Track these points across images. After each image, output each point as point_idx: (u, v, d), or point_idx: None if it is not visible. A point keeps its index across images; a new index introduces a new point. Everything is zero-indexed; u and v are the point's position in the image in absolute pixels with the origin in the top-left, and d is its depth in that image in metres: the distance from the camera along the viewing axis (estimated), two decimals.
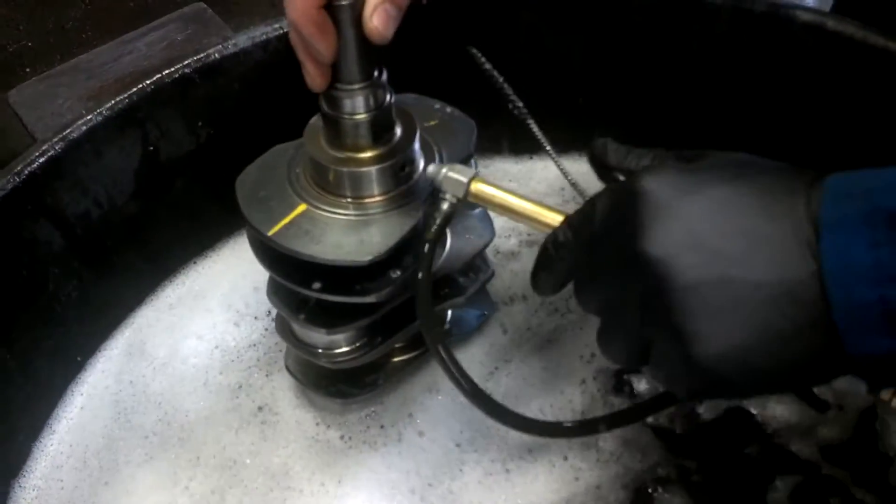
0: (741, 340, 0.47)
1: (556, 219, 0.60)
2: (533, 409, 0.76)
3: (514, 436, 0.73)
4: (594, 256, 0.55)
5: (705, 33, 0.84)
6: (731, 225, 0.48)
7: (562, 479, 0.71)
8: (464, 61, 0.89)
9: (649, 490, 0.70)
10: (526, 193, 0.92)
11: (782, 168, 0.50)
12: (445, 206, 0.63)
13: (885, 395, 0.52)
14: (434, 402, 0.76)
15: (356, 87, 0.60)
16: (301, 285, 0.65)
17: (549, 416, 0.75)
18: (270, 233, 0.63)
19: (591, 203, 0.55)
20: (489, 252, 0.78)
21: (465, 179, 0.62)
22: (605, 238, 0.53)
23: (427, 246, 0.63)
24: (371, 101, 0.61)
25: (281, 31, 0.84)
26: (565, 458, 0.72)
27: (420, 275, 0.63)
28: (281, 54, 0.84)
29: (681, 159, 0.52)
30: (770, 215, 0.47)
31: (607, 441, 0.73)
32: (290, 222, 0.64)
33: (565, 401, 0.76)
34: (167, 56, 1.36)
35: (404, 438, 0.74)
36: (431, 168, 0.64)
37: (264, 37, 0.84)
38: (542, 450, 0.73)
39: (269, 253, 0.66)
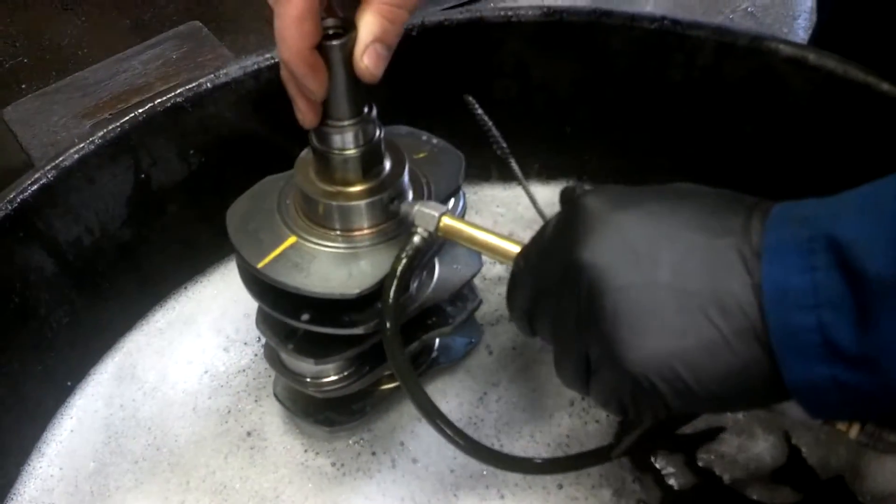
0: (667, 346, 0.47)
1: (517, 250, 0.61)
2: (525, 434, 0.77)
3: None
4: (541, 277, 0.56)
5: (689, 65, 0.85)
6: (667, 235, 0.48)
7: None
8: (453, 92, 0.91)
9: None
10: (513, 218, 0.95)
11: (726, 193, 0.51)
12: (416, 239, 0.64)
13: (842, 425, 0.50)
14: (425, 430, 0.77)
15: (346, 123, 0.62)
16: (290, 316, 0.66)
17: (539, 441, 0.76)
18: (260, 265, 0.64)
19: (541, 228, 0.57)
20: (476, 279, 0.79)
21: (436, 214, 0.64)
22: (551, 255, 0.55)
23: (395, 283, 0.62)
24: (360, 137, 0.63)
25: (272, 62, 0.85)
26: (560, 487, 0.73)
27: (387, 318, 0.63)
28: (272, 84, 0.84)
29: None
30: (708, 230, 0.48)
31: (603, 468, 0.74)
32: (280, 254, 0.65)
33: (554, 424, 0.77)
34: (163, 74, 1.37)
35: (398, 465, 0.75)
36: (404, 206, 0.65)
37: (255, 66, 0.85)
38: (538, 477, 0.74)
39: (258, 284, 0.67)
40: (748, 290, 0.45)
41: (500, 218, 0.95)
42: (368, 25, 0.57)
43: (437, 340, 0.80)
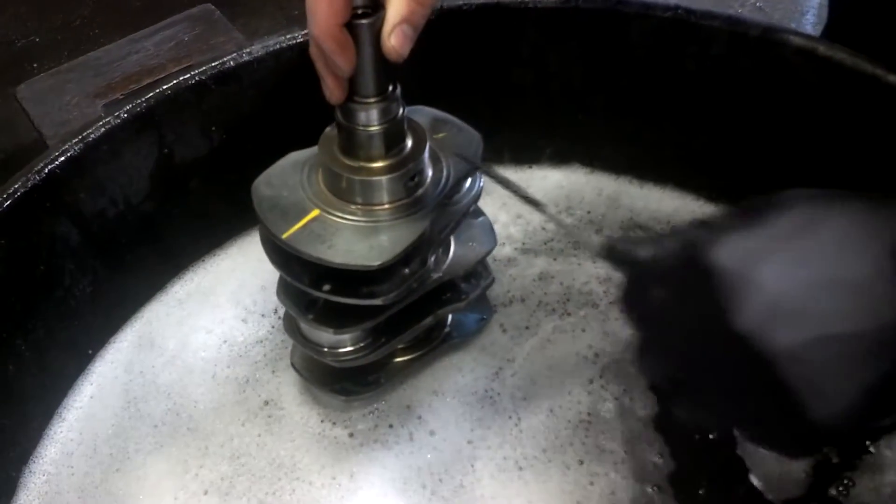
0: (852, 396, 0.47)
1: None
2: (543, 409, 0.78)
3: (528, 436, 0.76)
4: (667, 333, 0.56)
5: (701, 55, 0.87)
6: (814, 281, 0.47)
7: (576, 483, 0.73)
8: (471, 76, 0.93)
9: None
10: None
11: (852, 203, 0.50)
12: None
13: None
14: (442, 405, 0.79)
15: (371, 100, 0.64)
16: (311, 286, 0.68)
17: (559, 416, 0.78)
18: (284, 235, 0.66)
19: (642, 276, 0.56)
20: (488, 259, 0.81)
21: None
22: (682, 311, 0.54)
23: None
24: (385, 114, 0.65)
25: (294, 42, 0.86)
26: (581, 463, 0.75)
27: None
28: (293, 63, 0.87)
29: (734, 217, 0.53)
30: (851, 261, 0.47)
31: (625, 444, 0.76)
32: (304, 226, 0.67)
33: (574, 402, 0.79)
34: (175, 55, 1.39)
35: (415, 438, 0.77)
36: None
37: (278, 46, 0.87)
38: (558, 451, 0.75)
39: (281, 254, 0.69)
40: None
41: (509, 200, 0.95)
42: (397, 6, 0.58)
43: (450, 316, 0.83)
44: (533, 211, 0.94)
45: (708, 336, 0.51)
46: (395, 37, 0.59)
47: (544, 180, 0.98)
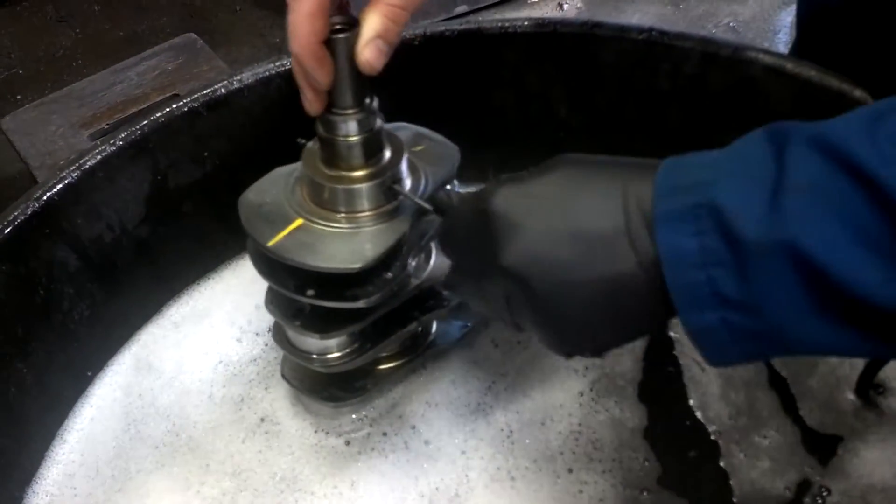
0: (592, 332, 0.57)
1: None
2: (535, 422, 0.81)
3: (520, 447, 0.79)
4: (465, 269, 0.66)
5: (675, 74, 0.90)
6: (566, 231, 0.55)
7: (566, 491, 0.76)
8: (453, 99, 0.96)
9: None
10: None
11: (609, 163, 0.58)
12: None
13: None
14: (435, 415, 0.82)
15: (350, 112, 0.67)
16: (296, 292, 0.72)
17: (551, 429, 0.80)
18: (270, 244, 0.70)
19: (450, 226, 0.67)
20: None
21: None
22: (470, 256, 0.63)
23: None
24: (363, 125, 0.68)
25: (282, 69, 0.89)
26: (570, 471, 0.77)
27: None
28: (282, 89, 0.90)
29: (524, 173, 0.61)
30: (601, 215, 0.54)
31: (614, 453, 0.78)
32: (288, 234, 0.70)
33: (565, 414, 0.81)
34: (159, 84, 1.41)
35: (411, 447, 0.79)
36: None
37: (266, 73, 0.90)
38: (548, 461, 0.78)
39: (267, 263, 0.73)
40: (642, 264, 0.53)
41: None
42: (371, 23, 0.63)
43: (435, 324, 0.85)
44: None
45: (484, 268, 0.59)
46: (369, 50, 0.63)
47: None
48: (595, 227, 0.54)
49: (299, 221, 0.71)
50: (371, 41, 0.63)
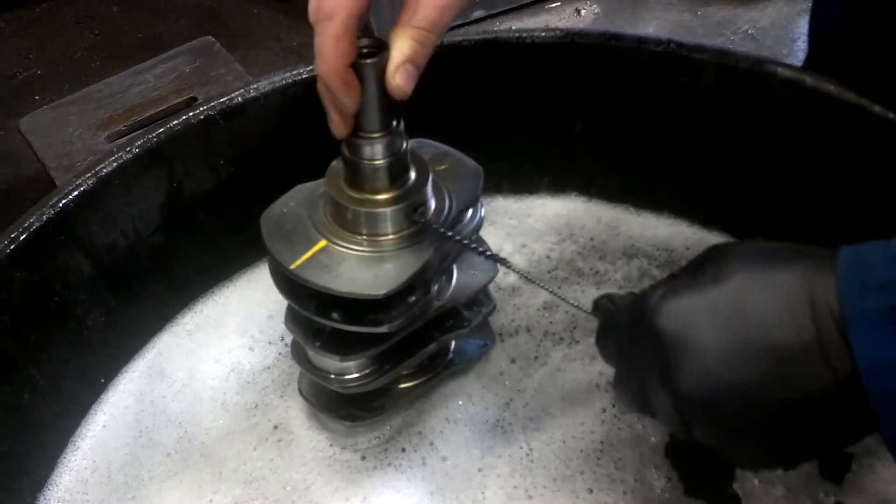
0: (781, 450, 0.55)
1: None
2: (556, 439, 0.80)
3: (539, 465, 0.78)
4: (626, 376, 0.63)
5: (692, 86, 0.90)
6: (751, 351, 0.52)
7: None
8: (469, 109, 0.95)
9: None
10: (524, 231, 0.99)
11: (786, 257, 0.54)
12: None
13: None
14: (453, 432, 0.81)
15: (376, 135, 0.66)
16: (318, 315, 0.71)
17: (572, 447, 0.79)
18: (292, 266, 0.69)
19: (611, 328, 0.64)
20: (491, 288, 0.83)
21: None
22: (634, 367, 0.60)
23: None
24: (389, 149, 0.67)
25: (299, 77, 0.89)
26: (590, 491, 0.76)
27: None
28: (298, 98, 0.90)
29: (682, 275, 0.58)
30: (787, 327, 0.51)
31: (636, 472, 0.77)
32: (311, 257, 0.69)
33: (586, 431, 0.80)
34: (176, 87, 1.41)
35: (428, 463, 0.79)
36: None
37: (283, 82, 0.90)
38: (567, 481, 0.77)
39: (289, 284, 0.71)
40: (839, 382, 0.50)
41: (513, 230, 0.99)
42: (401, 47, 0.61)
43: (453, 343, 0.85)
44: (535, 240, 0.97)
45: (655, 387, 0.57)
46: (400, 75, 0.62)
47: (543, 209, 1.00)
48: (784, 340, 0.51)
49: (322, 243, 0.70)
50: (401, 66, 0.61)
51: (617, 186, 0.99)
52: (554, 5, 1.87)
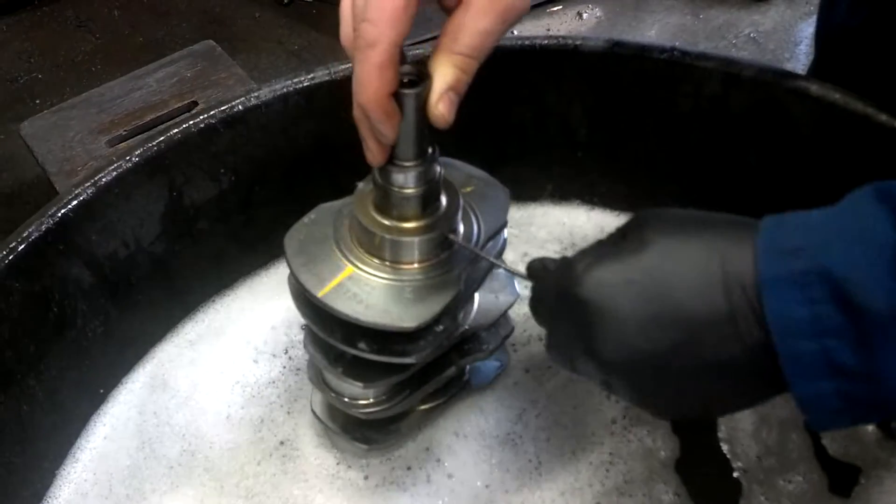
0: (694, 409, 0.59)
1: None
2: (566, 452, 0.79)
3: (547, 479, 0.77)
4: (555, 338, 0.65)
5: (696, 94, 0.89)
6: (666, 321, 0.54)
7: None
8: (471, 116, 0.95)
9: None
10: (526, 239, 0.98)
11: (703, 226, 0.56)
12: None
13: None
14: (462, 447, 0.80)
15: (410, 164, 0.64)
16: (345, 343, 0.68)
17: (581, 459, 0.78)
18: (320, 294, 0.66)
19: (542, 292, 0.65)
20: None
21: None
22: (561, 331, 0.63)
23: None
24: (422, 177, 0.65)
25: (301, 86, 0.89)
26: None
27: None
28: (300, 107, 0.89)
29: (607, 243, 0.60)
30: (701, 298, 0.52)
31: (644, 486, 0.76)
32: (338, 284, 0.67)
33: (596, 443, 0.79)
34: (177, 91, 1.41)
35: (433, 480, 0.78)
36: None
37: (285, 90, 0.89)
38: (575, 494, 0.76)
39: (312, 309, 0.69)
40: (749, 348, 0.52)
41: (515, 238, 0.98)
42: (444, 74, 0.59)
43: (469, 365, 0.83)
44: (538, 248, 0.96)
45: (579, 351, 0.59)
46: (443, 104, 0.60)
47: (546, 217, 1.00)
48: (696, 312, 0.53)
49: (350, 270, 0.68)
50: (444, 94, 0.59)
51: (620, 195, 0.99)
52: (556, 9, 1.87)
